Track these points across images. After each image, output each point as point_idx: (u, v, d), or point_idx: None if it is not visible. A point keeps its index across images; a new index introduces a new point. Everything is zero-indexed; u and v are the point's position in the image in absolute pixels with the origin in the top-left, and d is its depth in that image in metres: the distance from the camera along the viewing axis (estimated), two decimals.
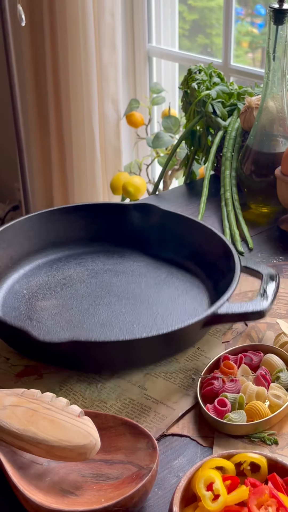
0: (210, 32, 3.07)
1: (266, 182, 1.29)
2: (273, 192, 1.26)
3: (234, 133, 1.42)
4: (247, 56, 4.23)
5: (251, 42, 4.58)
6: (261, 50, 4.65)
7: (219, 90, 1.49)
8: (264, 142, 1.28)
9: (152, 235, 1.16)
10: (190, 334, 0.92)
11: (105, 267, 1.13)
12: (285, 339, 0.94)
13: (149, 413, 0.85)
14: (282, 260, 1.17)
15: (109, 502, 0.67)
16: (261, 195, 1.31)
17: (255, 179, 1.30)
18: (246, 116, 1.39)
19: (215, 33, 3.05)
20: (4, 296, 1.05)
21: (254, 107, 1.38)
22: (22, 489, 0.69)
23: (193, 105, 1.49)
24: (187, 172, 1.58)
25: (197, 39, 2.90)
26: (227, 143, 1.41)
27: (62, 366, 0.91)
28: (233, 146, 1.41)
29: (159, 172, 2.35)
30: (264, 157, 1.29)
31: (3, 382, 0.89)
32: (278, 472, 0.69)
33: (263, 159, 1.29)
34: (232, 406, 0.83)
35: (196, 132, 1.52)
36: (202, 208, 1.32)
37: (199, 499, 0.66)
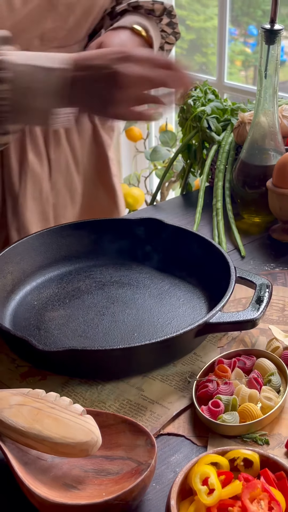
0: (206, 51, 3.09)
1: (258, 194, 1.30)
2: (264, 202, 1.28)
3: (228, 147, 1.43)
4: (240, 74, 4.24)
5: (244, 60, 4.59)
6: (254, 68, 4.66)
7: (213, 106, 1.49)
8: (256, 156, 1.29)
9: (156, 248, 1.16)
10: (184, 342, 0.92)
11: (112, 279, 1.12)
12: (276, 344, 0.94)
13: (145, 413, 0.85)
14: (274, 268, 1.17)
15: (109, 496, 0.67)
16: (253, 205, 1.32)
17: (248, 191, 1.31)
18: (239, 130, 1.40)
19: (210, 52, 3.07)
20: (16, 307, 1.05)
21: (247, 122, 1.39)
22: (28, 483, 0.69)
23: (189, 120, 1.49)
24: (183, 183, 1.58)
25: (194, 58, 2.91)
26: (221, 156, 1.42)
27: (62, 373, 0.91)
28: (226, 159, 1.42)
29: (156, 183, 2.36)
30: (256, 169, 1.30)
31: (9, 382, 0.89)
32: (269, 468, 0.69)
33: (255, 171, 1.30)
34: (226, 408, 0.83)
35: (192, 146, 1.52)
36: (198, 218, 1.33)
37: (195, 493, 0.66)
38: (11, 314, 1.04)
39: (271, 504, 0.65)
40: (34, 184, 1.30)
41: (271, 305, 1.06)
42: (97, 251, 1.17)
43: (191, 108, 1.49)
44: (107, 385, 0.90)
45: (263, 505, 0.65)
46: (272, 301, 1.07)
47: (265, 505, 0.65)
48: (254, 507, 0.64)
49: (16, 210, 1.29)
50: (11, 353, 0.95)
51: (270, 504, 0.65)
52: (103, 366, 0.90)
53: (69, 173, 1.37)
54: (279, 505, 0.64)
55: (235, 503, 0.65)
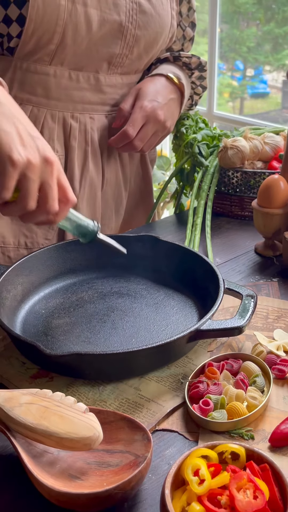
0: None
1: None
2: None
3: (213, 169, 1.44)
4: (228, 105, 4.26)
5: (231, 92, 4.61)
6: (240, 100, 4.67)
7: (204, 134, 1.50)
8: None
9: (152, 262, 1.16)
10: (177, 347, 0.92)
11: (112, 290, 1.13)
12: (261, 348, 0.95)
13: (142, 410, 0.85)
14: (258, 279, 1.18)
15: (110, 486, 0.67)
16: None
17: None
18: (222, 154, 1.41)
19: None
20: (26, 315, 1.06)
21: (229, 147, 1.40)
22: (36, 474, 0.69)
23: (182, 146, 1.50)
24: (177, 204, 1.58)
25: None
26: (206, 178, 1.43)
27: (67, 375, 0.91)
28: (210, 180, 1.43)
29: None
30: None
31: (19, 383, 0.89)
32: (254, 460, 0.69)
33: None
34: (215, 406, 0.83)
35: (185, 170, 1.52)
36: (188, 235, 1.34)
37: (187, 483, 0.66)
38: (21, 322, 1.04)
39: (255, 493, 0.64)
40: (90, 191, 1.33)
41: (256, 314, 1.06)
42: (99, 265, 1.18)
43: (184, 136, 1.50)
44: (108, 385, 0.90)
45: (249, 494, 0.64)
46: (257, 310, 1.07)
47: (251, 494, 0.64)
48: (241, 496, 0.64)
49: None
50: (21, 357, 0.95)
51: (255, 493, 0.64)
52: (104, 369, 0.90)
53: (118, 187, 1.40)
54: (263, 494, 0.64)
55: (223, 492, 0.65)
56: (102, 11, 1.18)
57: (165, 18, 1.29)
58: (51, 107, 1.23)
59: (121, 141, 1.28)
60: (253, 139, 1.44)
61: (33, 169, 0.82)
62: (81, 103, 1.26)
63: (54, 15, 1.12)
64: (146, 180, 1.50)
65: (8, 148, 0.81)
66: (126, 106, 1.29)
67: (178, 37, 1.40)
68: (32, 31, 1.13)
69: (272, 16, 5.19)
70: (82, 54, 1.20)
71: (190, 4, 1.38)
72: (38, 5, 1.10)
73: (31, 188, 0.83)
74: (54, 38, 1.15)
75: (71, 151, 1.28)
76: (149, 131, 1.29)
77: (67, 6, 1.13)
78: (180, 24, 1.38)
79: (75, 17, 1.14)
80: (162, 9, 1.27)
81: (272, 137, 1.46)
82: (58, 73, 1.21)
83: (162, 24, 1.28)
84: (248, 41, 5.48)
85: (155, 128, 1.30)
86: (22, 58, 1.18)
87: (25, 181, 0.82)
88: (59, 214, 0.89)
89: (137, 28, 1.24)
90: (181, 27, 1.39)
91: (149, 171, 1.51)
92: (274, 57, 5.53)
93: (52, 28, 1.13)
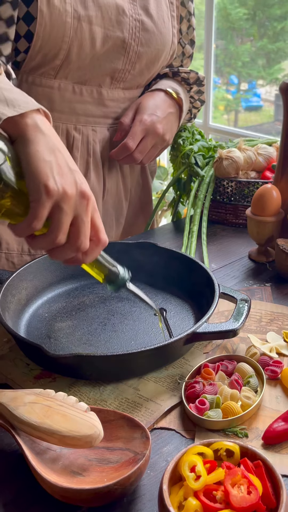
0: None
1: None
2: None
3: (208, 179, 1.44)
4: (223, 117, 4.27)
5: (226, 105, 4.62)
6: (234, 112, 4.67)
7: (200, 145, 1.50)
8: None
9: (151, 267, 1.16)
10: (175, 349, 0.93)
11: (112, 294, 1.12)
12: (254, 350, 0.95)
13: (140, 409, 0.85)
14: (252, 284, 1.18)
15: (110, 482, 0.67)
16: None
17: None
18: (217, 165, 1.42)
19: None
20: (30, 319, 1.06)
21: (224, 157, 1.40)
22: (40, 471, 0.69)
23: (179, 157, 1.50)
24: (174, 212, 1.58)
25: None
26: (202, 187, 1.43)
27: (69, 375, 0.91)
28: (206, 189, 1.43)
29: None
30: None
31: (23, 383, 0.90)
32: (248, 457, 0.69)
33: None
34: (211, 405, 0.83)
35: (182, 180, 1.52)
36: (185, 241, 1.34)
37: (184, 479, 0.66)
38: (25, 325, 1.04)
39: (249, 489, 0.64)
40: None
41: (249, 317, 1.07)
42: None
43: (181, 147, 1.50)
44: (108, 386, 0.90)
45: (243, 489, 0.64)
46: (251, 313, 1.08)
47: (245, 490, 0.64)
48: (235, 491, 0.64)
49: None
50: (25, 358, 0.95)
51: (248, 488, 0.65)
52: (104, 370, 0.90)
53: (119, 197, 1.40)
54: (256, 489, 0.64)
55: (218, 487, 0.66)
56: (106, 28, 1.18)
57: (167, 36, 1.29)
58: (55, 119, 1.24)
59: (121, 153, 1.28)
60: (247, 150, 1.45)
61: (68, 201, 0.78)
62: (84, 116, 1.27)
63: (61, 32, 1.13)
64: (146, 191, 1.50)
65: (45, 176, 0.78)
66: (126, 120, 1.29)
67: (178, 54, 1.41)
68: (39, 47, 1.13)
69: (265, 32, 5.20)
70: (86, 69, 1.21)
71: (190, 22, 1.38)
72: (46, 23, 1.11)
73: (63, 220, 0.79)
74: (59, 54, 1.15)
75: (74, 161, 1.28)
76: (149, 144, 1.29)
77: (73, 23, 1.13)
78: (180, 42, 1.39)
79: (80, 34, 1.15)
80: (164, 27, 1.28)
81: (265, 148, 1.46)
82: (62, 87, 1.21)
83: (163, 42, 1.29)
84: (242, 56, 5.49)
85: (154, 141, 1.30)
86: (28, 72, 1.19)
87: (58, 212, 0.78)
88: (89, 253, 0.85)
89: (139, 45, 1.24)
90: (181, 44, 1.40)
91: (149, 182, 1.51)
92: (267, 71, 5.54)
93: (58, 45, 1.14)
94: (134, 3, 1.23)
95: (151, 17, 1.25)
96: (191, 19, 1.38)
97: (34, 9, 1.10)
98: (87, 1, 1.15)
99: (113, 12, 1.19)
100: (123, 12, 1.20)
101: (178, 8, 1.34)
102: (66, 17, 1.12)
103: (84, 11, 1.14)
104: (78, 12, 1.13)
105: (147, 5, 1.25)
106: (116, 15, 1.19)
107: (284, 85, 1.20)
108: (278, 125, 5.69)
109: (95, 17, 1.16)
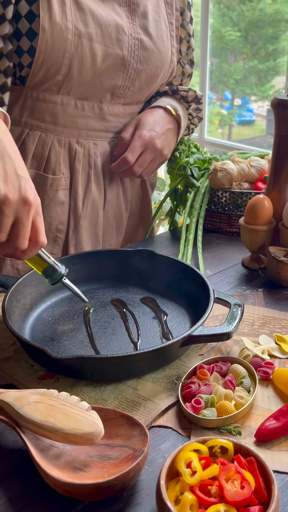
0: None
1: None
2: None
3: (204, 190, 1.44)
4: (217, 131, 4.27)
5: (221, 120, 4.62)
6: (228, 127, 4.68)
7: (195, 158, 1.51)
8: None
9: (149, 274, 1.16)
10: (172, 351, 0.92)
11: (112, 299, 1.13)
12: (247, 352, 0.95)
13: (139, 408, 0.85)
14: (245, 290, 1.18)
15: (111, 477, 0.67)
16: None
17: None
18: (212, 176, 1.42)
19: None
20: (34, 322, 1.06)
21: (218, 169, 1.41)
22: (43, 466, 0.69)
23: (176, 169, 1.51)
24: (171, 221, 1.59)
25: None
26: (197, 197, 1.43)
27: (72, 376, 0.91)
28: (201, 200, 1.44)
29: None
30: None
31: (28, 383, 0.90)
32: (241, 454, 0.70)
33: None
34: (206, 405, 0.83)
35: (178, 190, 1.53)
36: (182, 249, 1.34)
37: (181, 475, 0.67)
38: (30, 328, 1.04)
39: (242, 484, 0.65)
40: (93, 210, 1.33)
41: (242, 321, 1.07)
42: (100, 276, 1.18)
43: (177, 159, 1.51)
44: (108, 386, 0.90)
45: (236, 484, 0.65)
46: (244, 317, 1.08)
47: (238, 484, 0.64)
48: (229, 486, 0.64)
49: (76, 229, 1.32)
50: (29, 360, 0.95)
51: (242, 483, 0.65)
52: (105, 371, 0.90)
53: (119, 208, 1.41)
54: (249, 484, 0.64)
55: (213, 482, 0.66)
56: (106, 46, 1.19)
57: (165, 54, 1.30)
58: (58, 133, 1.24)
59: (121, 167, 1.28)
60: (240, 162, 1.45)
61: (9, 205, 0.82)
62: (85, 130, 1.27)
63: (62, 48, 1.13)
64: (146, 203, 1.50)
65: None
66: (126, 135, 1.30)
67: (178, 73, 1.41)
68: (42, 62, 1.14)
69: (257, 51, 5.22)
70: (87, 85, 1.21)
71: (189, 43, 1.39)
72: (47, 39, 1.12)
73: (3, 222, 0.82)
74: (61, 69, 1.16)
75: (76, 173, 1.29)
76: (147, 158, 1.30)
77: (73, 40, 1.14)
78: (180, 62, 1.39)
79: (81, 50, 1.15)
80: (162, 45, 1.29)
81: (257, 161, 1.47)
82: (65, 102, 1.22)
83: (162, 60, 1.29)
84: (235, 74, 5.51)
85: (153, 155, 1.30)
86: (32, 87, 1.19)
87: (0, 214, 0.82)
88: (26, 252, 0.89)
89: (138, 62, 1.25)
90: (181, 64, 1.40)
91: (148, 195, 1.52)
92: (259, 88, 5.56)
93: (60, 60, 1.15)
94: (134, 23, 1.23)
95: (150, 36, 1.26)
96: (190, 41, 1.39)
97: (37, 25, 1.11)
98: (87, 19, 1.16)
99: (113, 31, 1.19)
100: (122, 31, 1.21)
101: (178, 28, 1.34)
102: (67, 33, 1.13)
103: (85, 29, 1.15)
104: (79, 29, 1.14)
105: (146, 24, 1.25)
106: (116, 33, 1.20)
107: (275, 100, 1.21)
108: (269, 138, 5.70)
109: (95, 35, 1.17)
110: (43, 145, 1.24)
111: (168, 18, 1.31)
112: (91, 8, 1.16)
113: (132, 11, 1.23)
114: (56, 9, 1.11)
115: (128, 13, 1.23)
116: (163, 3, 1.30)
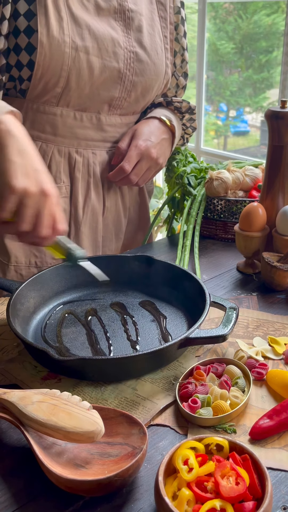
0: None
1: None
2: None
3: (200, 198, 1.45)
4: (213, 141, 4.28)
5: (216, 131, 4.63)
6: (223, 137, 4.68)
7: (192, 167, 1.51)
8: None
9: (147, 278, 1.16)
10: (169, 353, 0.92)
11: (112, 302, 1.13)
12: (242, 354, 0.95)
13: (138, 407, 0.85)
14: (240, 294, 1.18)
15: (111, 473, 0.67)
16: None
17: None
18: (208, 185, 1.42)
19: None
20: (37, 325, 1.06)
21: (214, 178, 1.41)
22: (46, 463, 0.70)
23: (173, 178, 1.51)
24: (169, 228, 1.59)
25: None
26: (194, 205, 1.43)
27: (73, 377, 0.91)
28: (198, 207, 1.44)
29: None
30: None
31: (31, 384, 0.90)
32: (236, 451, 0.70)
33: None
34: (202, 404, 0.83)
35: (176, 198, 1.53)
36: (179, 255, 1.34)
37: (178, 471, 0.67)
38: (33, 331, 1.04)
39: (237, 480, 0.65)
40: (92, 217, 1.34)
41: (237, 324, 1.07)
42: None
43: (175, 168, 1.51)
44: (109, 386, 0.90)
45: (231, 480, 0.65)
46: (239, 320, 1.08)
47: (233, 481, 0.65)
48: (224, 482, 0.64)
49: (77, 235, 1.33)
50: (33, 361, 0.96)
51: (237, 480, 0.65)
52: (105, 371, 0.90)
53: (118, 214, 1.41)
54: (244, 481, 0.64)
55: (209, 479, 0.66)
56: (103, 59, 1.19)
57: (160, 66, 1.30)
58: (58, 143, 1.25)
59: (118, 175, 1.29)
60: (235, 171, 1.45)
61: (29, 197, 0.86)
62: (84, 140, 1.28)
63: (60, 61, 1.14)
64: (144, 209, 1.51)
65: (10, 176, 0.85)
66: (123, 145, 1.30)
67: (172, 85, 1.42)
68: (40, 75, 1.15)
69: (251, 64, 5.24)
70: (85, 96, 1.22)
71: (183, 56, 1.39)
72: (46, 52, 1.12)
73: (26, 213, 0.86)
74: (59, 82, 1.17)
75: (76, 181, 1.29)
76: (143, 167, 1.30)
77: (71, 53, 1.14)
78: (174, 74, 1.40)
79: (78, 63, 1.16)
80: (157, 58, 1.29)
81: (251, 170, 1.47)
82: (64, 114, 1.22)
83: (157, 72, 1.30)
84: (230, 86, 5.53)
85: (149, 164, 1.31)
86: (32, 100, 1.20)
87: (21, 206, 0.86)
88: (47, 239, 0.92)
89: (134, 74, 1.25)
90: (175, 77, 1.41)
91: (146, 202, 1.52)
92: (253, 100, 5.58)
93: (58, 73, 1.15)
94: (129, 36, 1.24)
95: (144, 49, 1.26)
96: (184, 54, 1.39)
97: (35, 40, 1.12)
98: (84, 33, 1.16)
99: (109, 44, 1.20)
100: (118, 44, 1.21)
101: (172, 41, 1.35)
102: (65, 47, 1.13)
103: (81, 42, 1.16)
104: (76, 43, 1.15)
105: (141, 38, 1.26)
106: (112, 47, 1.20)
107: (269, 112, 1.21)
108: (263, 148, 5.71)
109: (91, 48, 1.17)
110: (43, 155, 1.24)
111: (163, 31, 1.32)
112: (88, 22, 1.17)
113: (127, 25, 1.24)
114: (53, 24, 1.12)
115: (123, 27, 1.23)
116: (157, 17, 1.31)
